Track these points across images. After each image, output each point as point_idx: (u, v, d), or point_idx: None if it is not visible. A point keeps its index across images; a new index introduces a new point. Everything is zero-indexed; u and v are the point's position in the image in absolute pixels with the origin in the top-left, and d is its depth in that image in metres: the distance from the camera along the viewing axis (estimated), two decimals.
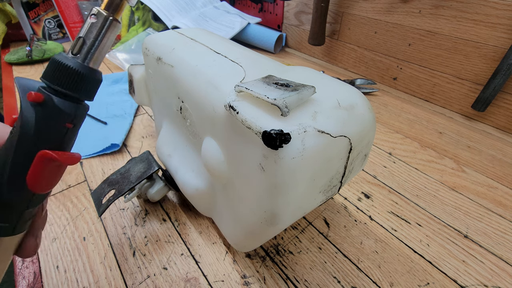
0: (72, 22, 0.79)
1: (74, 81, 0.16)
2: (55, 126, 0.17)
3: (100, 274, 0.29)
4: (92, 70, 0.17)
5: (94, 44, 0.17)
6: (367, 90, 0.65)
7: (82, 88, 0.17)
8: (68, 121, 0.17)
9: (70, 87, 0.17)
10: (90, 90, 0.18)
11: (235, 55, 0.28)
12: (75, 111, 0.17)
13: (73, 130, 0.18)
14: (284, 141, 0.18)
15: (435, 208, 0.37)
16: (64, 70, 0.16)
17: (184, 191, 0.32)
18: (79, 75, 0.17)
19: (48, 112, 0.16)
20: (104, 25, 0.17)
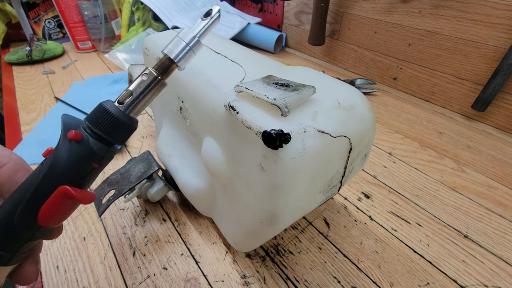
0: (72, 22, 0.79)
1: (112, 127, 0.18)
2: (83, 165, 0.18)
3: (100, 274, 0.29)
4: (131, 119, 0.19)
5: (138, 98, 0.19)
6: (367, 90, 0.65)
7: (117, 134, 0.19)
8: (96, 161, 0.18)
9: (107, 132, 0.18)
10: (124, 136, 0.19)
11: (235, 55, 0.28)
12: (105, 153, 0.18)
13: (97, 170, 0.19)
14: (284, 141, 0.18)
15: (435, 208, 0.37)
16: (107, 116, 0.18)
17: (184, 191, 0.32)
18: (118, 123, 0.18)
19: (81, 151, 0.18)
20: (152, 83, 0.19)
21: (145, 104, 0.19)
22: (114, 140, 0.19)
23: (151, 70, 0.19)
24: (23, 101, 0.59)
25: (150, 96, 0.19)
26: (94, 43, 0.84)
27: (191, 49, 0.19)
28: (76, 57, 0.82)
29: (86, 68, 0.75)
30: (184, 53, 0.19)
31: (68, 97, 0.60)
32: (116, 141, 0.19)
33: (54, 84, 0.66)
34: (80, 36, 0.82)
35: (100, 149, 0.18)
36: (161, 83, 0.19)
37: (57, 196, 0.17)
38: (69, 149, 0.17)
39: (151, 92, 0.19)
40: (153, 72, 0.19)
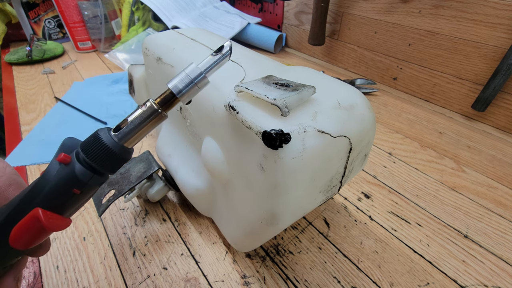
0: (72, 22, 0.79)
1: (102, 155, 0.18)
2: (63, 189, 0.17)
3: (100, 274, 0.29)
4: (124, 149, 0.18)
5: (135, 129, 0.18)
6: (367, 90, 0.65)
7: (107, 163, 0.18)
8: (77, 187, 0.18)
9: (96, 160, 0.18)
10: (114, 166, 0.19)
11: (235, 55, 0.28)
12: (88, 180, 0.18)
13: (78, 197, 0.18)
14: (284, 141, 0.18)
15: (435, 208, 0.37)
16: (98, 145, 0.17)
17: (184, 191, 0.32)
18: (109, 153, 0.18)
19: (64, 174, 0.17)
20: (151, 115, 0.18)
21: (142, 135, 0.19)
22: (102, 169, 0.18)
23: (152, 103, 0.19)
24: (23, 101, 0.59)
25: (148, 128, 0.19)
26: (94, 43, 0.84)
27: (195, 85, 0.19)
28: (76, 57, 0.82)
29: (86, 68, 0.75)
30: (188, 89, 0.19)
31: (68, 97, 0.60)
32: (105, 170, 0.18)
33: (54, 84, 0.66)
34: (80, 36, 0.82)
35: (83, 175, 0.17)
36: (160, 116, 0.19)
37: (29, 217, 0.17)
38: (55, 171, 0.17)
39: (149, 124, 0.19)
40: (154, 105, 0.19)
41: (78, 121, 0.52)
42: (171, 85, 0.19)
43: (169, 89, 0.19)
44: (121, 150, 0.18)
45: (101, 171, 0.18)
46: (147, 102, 0.19)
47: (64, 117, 0.53)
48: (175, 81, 0.19)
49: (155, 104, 0.18)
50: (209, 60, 0.19)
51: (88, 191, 0.18)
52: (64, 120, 0.53)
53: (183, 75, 0.19)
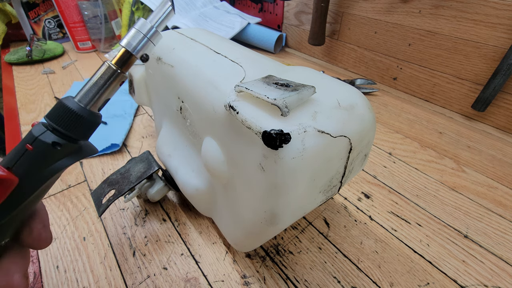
0: (72, 22, 0.79)
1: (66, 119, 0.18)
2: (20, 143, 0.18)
3: (100, 274, 0.29)
4: (90, 113, 0.19)
5: (98, 92, 0.19)
6: (367, 90, 0.65)
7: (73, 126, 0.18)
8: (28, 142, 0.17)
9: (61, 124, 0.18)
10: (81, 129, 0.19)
11: (235, 55, 0.28)
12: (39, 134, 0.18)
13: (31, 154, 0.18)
14: (284, 141, 0.18)
15: (435, 208, 0.37)
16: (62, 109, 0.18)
17: (184, 191, 0.32)
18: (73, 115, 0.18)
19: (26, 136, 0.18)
20: (111, 77, 0.19)
21: (106, 97, 0.19)
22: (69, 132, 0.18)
23: (109, 64, 0.19)
24: (23, 101, 0.59)
25: (110, 90, 0.19)
26: (94, 43, 0.84)
27: (149, 40, 0.19)
28: (76, 57, 0.82)
29: (86, 68, 0.75)
30: (142, 44, 0.19)
31: None
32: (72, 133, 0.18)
33: (54, 84, 0.66)
34: (80, 36, 0.82)
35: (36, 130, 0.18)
36: (120, 76, 0.19)
37: None
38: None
39: (111, 85, 0.19)
40: (112, 66, 0.19)
41: None
42: (123, 43, 0.19)
43: (123, 48, 0.19)
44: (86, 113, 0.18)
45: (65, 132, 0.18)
46: (104, 64, 0.19)
47: None
48: (127, 39, 0.19)
49: (113, 65, 0.19)
50: (156, 14, 0.20)
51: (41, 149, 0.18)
52: None
53: (134, 32, 0.19)
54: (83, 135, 0.19)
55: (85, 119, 0.18)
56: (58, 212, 0.36)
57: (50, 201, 0.37)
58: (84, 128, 0.19)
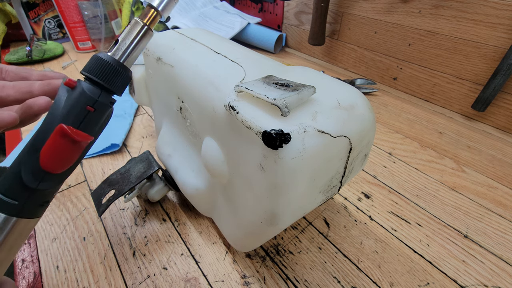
0: (72, 22, 0.79)
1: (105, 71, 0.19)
2: (77, 106, 0.19)
3: (100, 274, 0.29)
4: (123, 66, 0.20)
5: (130, 46, 0.20)
6: (367, 90, 0.65)
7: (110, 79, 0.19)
8: (89, 104, 0.19)
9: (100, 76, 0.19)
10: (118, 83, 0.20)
11: (235, 55, 0.28)
12: (98, 96, 0.19)
13: (94, 115, 0.19)
14: (284, 141, 0.18)
15: (435, 208, 0.37)
16: (99, 62, 0.19)
17: (184, 191, 0.32)
18: (111, 68, 0.19)
19: (75, 94, 0.19)
20: (140, 31, 0.20)
21: (136, 53, 0.21)
22: (108, 84, 0.19)
23: (137, 20, 0.20)
24: None
25: (140, 45, 0.21)
26: (94, 43, 0.84)
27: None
28: (76, 57, 0.82)
29: None
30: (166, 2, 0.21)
31: None
32: (110, 86, 0.20)
33: None
34: (80, 36, 0.82)
35: (92, 91, 0.19)
36: (148, 32, 0.21)
37: (54, 134, 0.18)
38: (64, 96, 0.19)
39: (140, 41, 0.20)
40: (140, 21, 0.20)
41: None
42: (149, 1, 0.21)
43: (149, 4, 0.21)
44: (121, 66, 0.20)
45: (108, 87, 0.20)
46: (132, 21, 0.20)
47: None
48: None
49: (141, 20, 0.20)
50: None
51: (101, 109, 0.20)
52: None
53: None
54: (120, 90, 0.21)
55: (122, 73, 0.20)
56: (58, 212, 0.36)
57: None
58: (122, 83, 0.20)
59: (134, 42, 0.20)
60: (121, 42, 0.20)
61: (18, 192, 0.18)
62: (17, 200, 0.18)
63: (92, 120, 0.19)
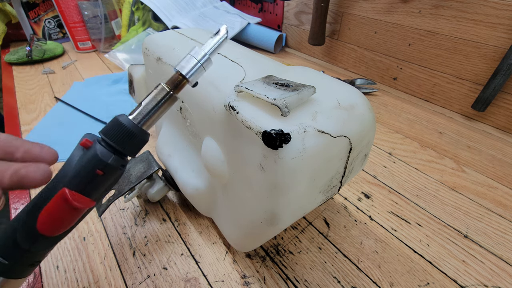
0: (72, 22, 0.79)
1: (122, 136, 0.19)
2: (87, 169, 0.18)
3: (100, 274, 0.29)
4: (142, 131, 0.20)
5: (151, 111, 0.20)
6: (367, 90, 0.65)
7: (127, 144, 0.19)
8: (99, 167, 0.18)
9: (116, 141, 0.19)
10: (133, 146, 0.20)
11: (235, 55, 0.28)
12: (109, 159, 0.18)
13: (102, 178, 0.18)
14: (284, 141, 0.18)
15: (435, 208, 0.37)
16: (118, 126, 0.19)
17: (184, 191, 0.32)
18: (128, 133, 0.19)
19: (87, 156, 0.18)
20: (164, 98, 0.20)
21: (157, 118, 0.20)
22: (123, 149, 0.19)
23: (163, 86, 0.20)
24: (23, 101, 0.59)
25: (162, 110, 0.20)
26: (94, 43, 0.84)
27: (201, 66, 0.20)
28: (76, 57, 0.82)
29: (86, 68, 0.75)
30: (195, 70, 0.20)
31: (68, 97, 0.59)
32: (125, 150, 0.19)
33: (54, 84, 0.66)
34: (80, 36, 0.82)
35: (104, 155, 0.18)
36: (172, 98, 0.20)
37: (55, 198, 0.17)
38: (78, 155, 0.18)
39: (163, 106, 0.20)
40: (166, 87, 0.20)
41: (78, 121, 0.52)
42: (179, 67, 0.20)
43: (178, 71, 0.20)
44: (139, 131, 0.19)
45: (121, 151, 0.19)
46: (159, 86, 0.20)
47: (64, 117, 0.53)
48: (182, 64, 0.20)
49: (167, 86, 0.20)
50: (210, 42, 0.21)
51: (111, 172, 0.19)
52: (64, 120, 0.53)
53: (188, 58, 0.20)
54: (134, 153, 0.20)
55: (139, 138, 0.19)
56: None
57: None
58: (136, 147, 0.20)
59: (157, 107, 0.20)
60: (144, 107, 0.19)
61: (10, 251, 0.18)
62: (7, 259, 0.18)
63: (100, 184, 0.19)
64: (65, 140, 0.47)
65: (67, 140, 0.47)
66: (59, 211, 0.17)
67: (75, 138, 0.53)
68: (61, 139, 0.48)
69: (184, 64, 0.20)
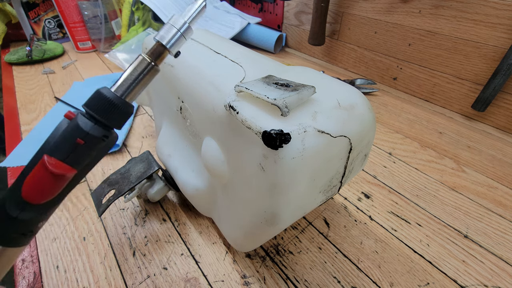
0: (72, 22, 0.79)
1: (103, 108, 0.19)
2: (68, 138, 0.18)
3: (100, 274, 0.29)
4: (126, 103, 0.20)
5: (133, 83, 0.20)
6: (367, 90, 0.65)
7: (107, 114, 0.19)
8: (80, 137, 0.18)
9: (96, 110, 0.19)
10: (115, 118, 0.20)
11: (235, 55, 0.28)
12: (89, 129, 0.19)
13: (83, 148, 0.19)
14: (284, 141, 0.18)
15: (435, 208, 0.37)
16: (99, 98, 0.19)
17: (184, 191, 0.32)
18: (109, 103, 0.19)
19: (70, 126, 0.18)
20: (145, 69, 0.20)
21: (140, 90, 0.20)
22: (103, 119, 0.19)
23: (144, 57, 0.20)
24: (23, 101, 0.59)
25: (144, 82, 0.20)
26: (94, 43, 0.84)
27: (182, 35, 0.20)
28: (76, 57, 0.82)
29: (86, 68, 0.75)
30: (176, 39, 0.20)
31: (68, 97, 0.59)
32: (108, 122, 0.19)
33: (54, 84, 0.66)
34: (80, 36, 0.82)
35: (84, 124, 0.18)
36: (154, 69, 0.20)
37: (38, 165, 0.18)
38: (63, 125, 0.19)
39: (145, 78, 0.20)
40: (146, 58, 0.20)
41: None
42: (158, 37, 0.20)
43: (158, 41, 0.20)
44: (121, 103, 0.19)
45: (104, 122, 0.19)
46: (139, 57, 0.20)
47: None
48: (162, 33, 0.20)
49: (148, 57, 0.20)
50: (189, 9, 0.20)
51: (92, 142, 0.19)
52: None
53: (168, 27, 0.20)
54: (119, 125, 0.20)
55: (122, 109, 0.20)
56: (58, 212, 0.36)
57: None
58: (121, 118, 0.20)
59: (138, 79, 0.20)
60: (125, 79, 0.19)
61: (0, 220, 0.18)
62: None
63: (81, 153, 0.19)
64: None
65: None
66: (40, 177, 0.18)
67: None
68: None
69: (164, 34, 0.20)
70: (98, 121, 0.19)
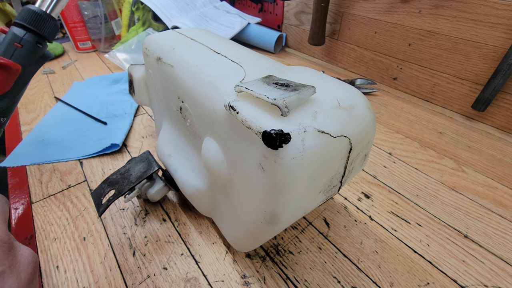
0: (72, 22, 0.79)
1: (30, 18, 0.26)
2: (7, 43, 0.26)
3: (100, 274, 0.29)
4: (49, 15, 0.27)
5: None
6: (367, 90, 0.65)
7: (36, 24, 0.27)
8: (16, 41, 0.26)
9: (26, 21, 0.27)
10: (44, 28, 0.27)
11: (235, 55, 0.28)
12: (23, 36, 0.27)
13: (22, 50, 0.26)
14: (284, 141, 0.18)
15: (435, 208, 0.37)
16: (25, 11, 0.26)
17: (184, 191, 0.32)
18: (35, 15, 0.26)
19: (7, 35, 0.27)
20: None
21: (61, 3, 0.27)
22: (33, 27, 0.27)
23: None
24: (23, 101, 0.59)
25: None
26: (94, 43, 0.84)
27: None
28: (76, 57, 0.82)
29: (86, 68, 0.75)
30: None
31: (68, 97, 0.60)
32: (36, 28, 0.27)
33: (54, 84, 0.66)
34: (80, 36, 0.82)
35: (19, 32, 0.26)
36: None
37: None
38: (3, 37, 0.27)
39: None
40: None
41: (78, 121, 0.52)
42: None
43: None
44: (46, 15, 0.27)
45: (33, 29, 0.27)
46: None
47: (64, 117, 0.53)
48: None
49: None
50: None
51: (28, 45, 0.27)
52: (64, 120, 0.53)
53: None
54: (50, 36, 0.27)
55: (47, 20, 0.27)
56: (58, 212, 0.36)
57: (50, 201, 0.37)
58: (50, 29, 0.27)
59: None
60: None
61: None
62: None
63: (21, 55, 0.25)
64: (64, 140, 0.47)
65: (66, 140, 0.47)
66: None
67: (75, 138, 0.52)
68: (61, 139, 0.48)
69: None
70: (29, 30, 0.26)
